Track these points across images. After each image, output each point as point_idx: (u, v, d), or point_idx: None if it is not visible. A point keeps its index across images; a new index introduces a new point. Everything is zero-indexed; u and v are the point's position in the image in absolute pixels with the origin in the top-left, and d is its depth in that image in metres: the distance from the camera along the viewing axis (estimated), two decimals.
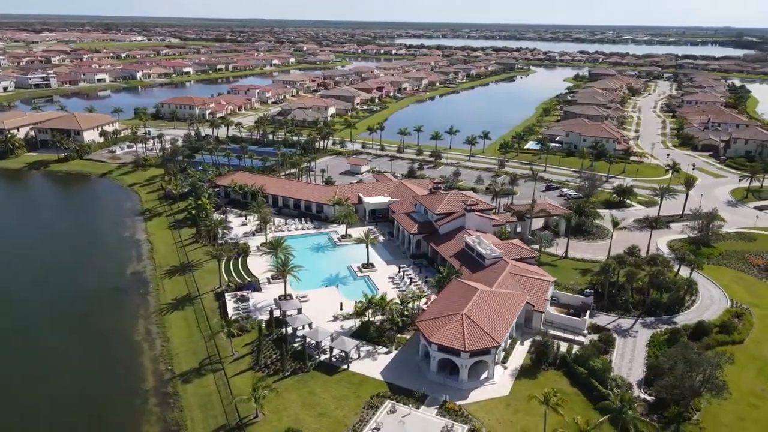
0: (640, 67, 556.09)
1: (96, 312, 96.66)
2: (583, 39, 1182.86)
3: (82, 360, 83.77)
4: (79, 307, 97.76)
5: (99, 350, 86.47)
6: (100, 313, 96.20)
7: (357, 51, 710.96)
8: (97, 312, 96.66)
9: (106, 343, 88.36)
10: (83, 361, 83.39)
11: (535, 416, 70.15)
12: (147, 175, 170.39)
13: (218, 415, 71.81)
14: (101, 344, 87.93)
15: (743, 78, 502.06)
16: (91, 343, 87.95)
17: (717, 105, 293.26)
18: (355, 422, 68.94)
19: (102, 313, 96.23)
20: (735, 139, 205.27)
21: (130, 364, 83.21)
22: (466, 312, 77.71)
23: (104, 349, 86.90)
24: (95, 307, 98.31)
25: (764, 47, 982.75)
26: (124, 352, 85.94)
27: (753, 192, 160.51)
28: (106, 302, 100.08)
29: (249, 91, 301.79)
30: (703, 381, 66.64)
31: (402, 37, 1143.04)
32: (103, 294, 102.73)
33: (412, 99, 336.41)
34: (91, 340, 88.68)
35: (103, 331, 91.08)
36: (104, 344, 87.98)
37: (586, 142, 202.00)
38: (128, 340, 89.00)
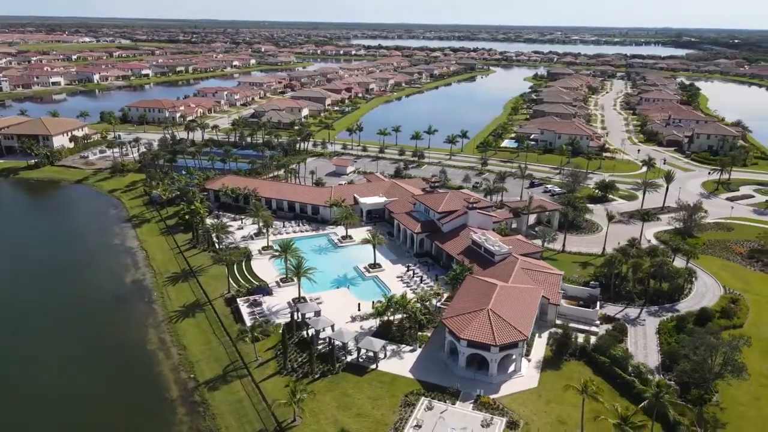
0: (593, 66, 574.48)
1: (103, 323, 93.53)
2: (534, 39, 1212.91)
3: (99, 374, 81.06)
4: (84, 320, 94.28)
5: (114, 362, 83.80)
6: (108, 325, 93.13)
7: (316, 52, 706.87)
8: (103, 323, 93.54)
9: (119, 354, 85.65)
10: (100, 375, 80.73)
11: (566, 405, 72.43)
12: (126, 180, 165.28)
13: (254, 421, 70.94)
14: (115, 356, 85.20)
15: (689, 76, 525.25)
16: (104, 356, 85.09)
17: (673, 102, 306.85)
18: (395, 420, 69.44)
19: (109, 325, 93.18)
20: (698, 134, 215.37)
21: (149, 374, 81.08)
22: (491, 307, 79.29)
23: (119, 360, 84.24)
24: (101, 318, 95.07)
25: (703, 47, 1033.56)
26: (140, 363, 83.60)
27: (722, 184, 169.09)
28: (111, 313, 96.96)
29: (217, 93, 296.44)
30: (724, 363, 70.29)
31: (358, 38, 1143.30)
32: (106, 304, 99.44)
33: (381, 99, 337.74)
34: (103, 353, 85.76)
35: (113, 343, 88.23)
36: (118, 356, 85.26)
37: (561, 140, 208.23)
38: (142, 351, 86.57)
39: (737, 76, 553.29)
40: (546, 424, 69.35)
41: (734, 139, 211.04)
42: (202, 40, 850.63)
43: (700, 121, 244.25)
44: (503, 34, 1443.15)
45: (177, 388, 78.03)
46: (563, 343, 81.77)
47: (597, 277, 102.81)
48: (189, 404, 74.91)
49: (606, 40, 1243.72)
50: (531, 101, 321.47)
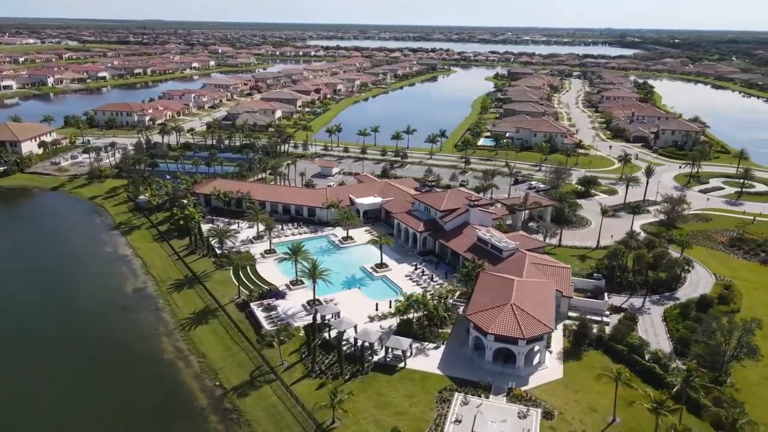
0: (550, 66, 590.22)
1: (112, 334, 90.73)
2: (487, 40, 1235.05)
3: (121, 387, 78.67)
4: (92, 332, 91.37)
5: (133, 374, 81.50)
6: (119, 336, 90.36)
7: (275, 53, 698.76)
8: (113, 334, 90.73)
9: (137, 366, 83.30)
10: (122, 388, 78.32)
11: (593, 394, 74.99)
12: (106, 186, 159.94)
13: (292, 425, 70.46)
14: (133, 368, 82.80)
15: (639, 75, 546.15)
16: (122, 369, 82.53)
17: (633, 100, 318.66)
18: (435, 417, 70.33)
19: (120, 336, 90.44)
20: (663, 130, 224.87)
21: (172, 384, 79.30)
22: (514, 302, 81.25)
23: (138, 372, 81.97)
24: (110, 330, 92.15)
25: (647, 46, 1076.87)
26: (160, 373, 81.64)
27: (693, 177, 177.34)
28: (118, 323, 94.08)
29: (184, 95, 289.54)
30: (740, 346, 74.34)
31: (313, 39, 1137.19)
32: (112, 315, 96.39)
33: (350, 100, 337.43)
34: (121, 366, 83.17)
35: (128, 354, 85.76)
36: (136, 367, 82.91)
37: (537, 137, 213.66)
38: (159, 360, 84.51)
39: (683, 74, 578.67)
40: (579, 413, 71.62)
41: (697, 135, 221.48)
42: (155, 42, 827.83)
43: (662, 118, 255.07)
44: (456, 34, 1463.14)
45: (204, 397, 76.65)
46: (581, 334, 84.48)
47: (599, 269, 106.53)
48: (220, 412, 73.70)
49: (556, 40, 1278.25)
50: (498, 100, 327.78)
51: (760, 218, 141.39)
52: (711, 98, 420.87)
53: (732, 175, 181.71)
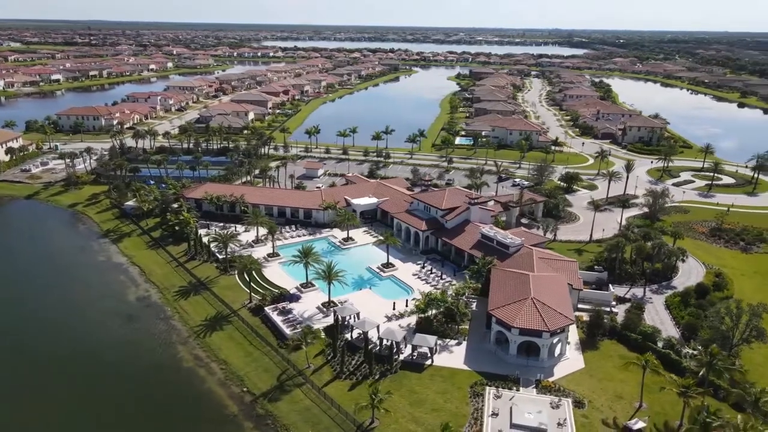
0: (507, 65, 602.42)
1: (124, 344, 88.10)
2: (442, 40, 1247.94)
3: (144, 397, 76.81)
4: (102, 343, 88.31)
5: (154, 384, 79.58)
6: (130, 346, 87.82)
7: (232, 54, 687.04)
8: (125, 344, 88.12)
9: (156, 375, 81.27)
10: (146, 398, 76.51)
11: (617, 382, 77.92)
12: (84, 193, 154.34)
13: (331, 427, 70.31)
14: (152, 377, 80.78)
15: (593, 74, 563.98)
16: (141, 378, 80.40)
17: (594, 98, 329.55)
18: (471, 411, 71.59)
19: (132, 345, 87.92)
20: (630, 127, 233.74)
21: (198, 392, 77.75)
22: (534, 296, 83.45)
23: (158, 381, 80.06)
24: (120, 339, 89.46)
25: (595, 46, 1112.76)
26: (183, 382, 79.88)
27: (665, 171, 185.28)
28: (128, 333, 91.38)
29: (150, 98, 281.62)
30: (749, 329, 78.70)
31: (268, 40, 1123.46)
32: (119, 325, 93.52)
33: (318, 101, 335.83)
34: (138, 376, 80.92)
35: (145, 364, 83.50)
36: (156, 377, 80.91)
37: (513, 136, 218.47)
38: (179, 369, 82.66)
39: (633, 73, 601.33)
40: (606, 401, 74.28)
41: (661, 131, 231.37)
42: (104, 43, 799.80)
43: (626, 115, 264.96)
44: (411, 34, 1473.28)
45: (234, 403, 75.51)
46: (596, 324, 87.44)
47: (598, 262, 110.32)
48: (254, 418, 72.82)
49: (508, 40, 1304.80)
50: (466, 99, 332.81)
51: (733, 209, 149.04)
52: (662, 96, 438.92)
53: (699, 168, 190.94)
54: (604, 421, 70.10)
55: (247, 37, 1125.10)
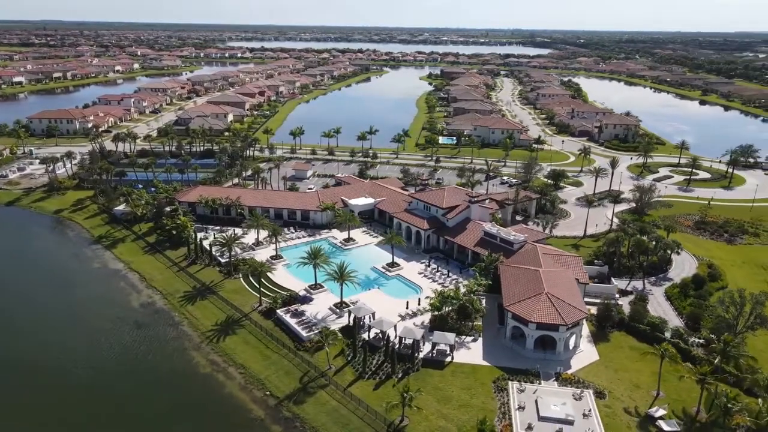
0: (475, 65, 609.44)
1: (135, 352, 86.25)
2: (408, 40, 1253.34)
3: (165, 404, 75.46)
4: (114, 352, 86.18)
5: (173, 391, 78.24)
6: (142, 353, 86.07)
7: (199, 55, 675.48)
8: (136, 352, 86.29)
9: (174, 382, 80.00)
10: (167, 406, 75.15)
11: (632, 372, 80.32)
12: (69, 199, 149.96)
13: (362, 427, 70.47)
14: (170, 385, 79.53)
15: (559, 73, 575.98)
16: (159, 386, 79.05)
17: (567, 97, 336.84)
18: (498, 406, 72.75)
19: (143, 353, 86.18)
20: (606, 124, 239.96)
21: (219, 398, 76.83)
22: (548, 291, 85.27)
23: (177, 388, 78.79)
24: (130, 347, 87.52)
25: (557, 46, 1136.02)
26: (202, 387, 78.83)
27: (645, 167, 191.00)
28: (138, 340, 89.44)
29: (123, 100, 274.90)
30: (754, 317, 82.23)
31: (233, 40, 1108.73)
32: (127, 332, 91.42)
33: (294, 102, 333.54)
34: (157, 384, 79.51)
35: (161, 371, 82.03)
36: (173, 384, 79.69)
37: (495, 134, 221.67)
38: (196, 375, 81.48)
39: (598, 72, 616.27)
40: (625, 390, 76.50)
41: (636, 128, 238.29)
42: (62, 44, 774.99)
43: (599, 113, 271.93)
44: (376, 34, 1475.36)
45: (258, 407, 74.90)
46: (606, 317, 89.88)
47: (597, 256, 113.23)
48: (281, 421, 72.43)
49: (473, 40, 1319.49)
50: (442, 99, 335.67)
51: (713, 202, 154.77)
52: (628, 94, 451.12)
53: (675, 164, 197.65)
54: (627, 410, 72.31)
55: (211, 37, 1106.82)
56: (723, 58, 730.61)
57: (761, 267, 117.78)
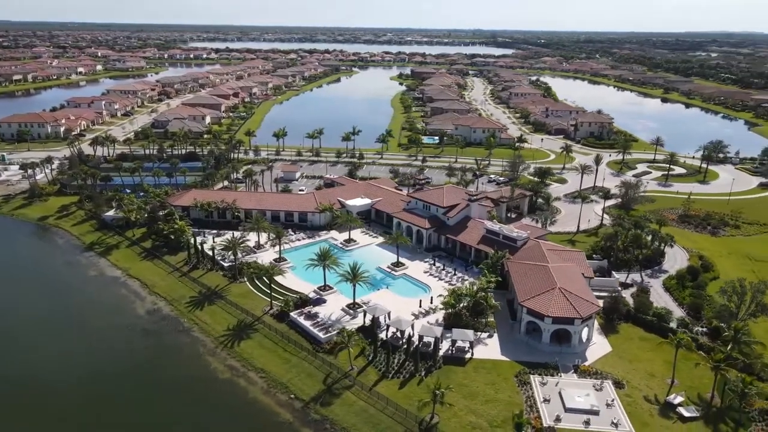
0: (443, 65, 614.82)
1: (149, 360, 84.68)
2: (372, 41, 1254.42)
3: (188, 412, 74.18)
4: (129, 361, 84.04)
5: (196, 399, 76.91)
6: (156, 360, 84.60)
7: (163, 56, 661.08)
8: (150, 359, 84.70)
9: (194, 389, 78.71)
10: (191, 413, 73.96)
11: (645, 362, 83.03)
12: (52, 205, 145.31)
13: (393, 426, 70.86)
14: (190, 391, 78.20)
15: (526, 73, 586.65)
16: (181, 394, 77.64)
17: (538, 96, 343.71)
18: (524, 399, 74.22)
19: (158, 360, 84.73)
20: (581, 123, 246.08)
21: (243, 402, 76.08)
22: (561, 286, 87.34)
23: (198, 395, 77.54)
24: (143, 355, 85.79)
25: (520, 46, 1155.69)
26: (224, 393, 77.77)
27: (624, 164, 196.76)
28: (149, 348, 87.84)
29: (93, 103, 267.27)
30: (755, 305, 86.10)
31: (194, 41, 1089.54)
32: (138, 340, 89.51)
33: (269, 103, 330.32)
34: (174, 390, 78.14)
35: (180, 379, 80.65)
36: (194, 391, 78.36)
37: (476, 134, 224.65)
38: (215, 381, 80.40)
39: (562, 71, 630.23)
40: (641, 379, 79.07)
41: (610, 126, 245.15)
42: (17, 45, 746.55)
43: (573, 112, 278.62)
44: (340, 35, 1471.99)
45: (285, 411, 74.46)
46: (614, 309, 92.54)
47: (595, 250, 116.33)
48: (311, 423, 72.21)
49: (437, 40, 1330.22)
50: (417, 99, 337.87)
51: (693, 196, 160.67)
52: (593, 93, 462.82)
53: (651, 160, 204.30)
54: (647, 398, 74.81)
55: (172, 38, 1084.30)
56: (679, 57, 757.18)
57: (746, 257, 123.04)
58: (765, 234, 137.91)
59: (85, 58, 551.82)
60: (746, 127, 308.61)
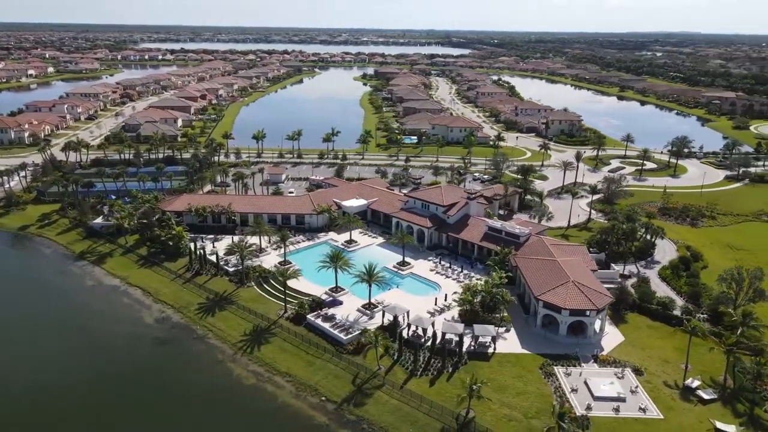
0: (403, 65, 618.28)
1: (169, 370, 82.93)
2: (329, 41, 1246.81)
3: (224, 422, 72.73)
4: (149, 371, 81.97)
5: (225, 407, 75.51)
6: (176, 370, 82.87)
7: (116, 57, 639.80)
8: (170, 370, 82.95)
9: (222, 397, 77.10)
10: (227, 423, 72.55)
11: (657, 349, 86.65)
12: (32, 213, 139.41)
13: (430, 423, 71.61)
14: (220, 401, 76.53)
15: (485, 72, 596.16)
16: (209, 404, 76.11)
17: (504, 95, 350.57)
18: (552, 390, 76.33)
19: (177, 370, 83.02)
20: (552, 121, 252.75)
21: (274, 407, 75.50)
22: (573, 279, 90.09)
23: (228, 403, 76.04)
24: (163, 366, 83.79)
25: (475, 46, 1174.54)
26: (252, 399, 76.93)
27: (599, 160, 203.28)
28: (166, 357, 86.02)
29: (55, 106, 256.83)
30: (753, 291, 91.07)
31: (145, 42, 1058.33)
32: (151, 350, 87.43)
33: (238, 105, 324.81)
34: (205, 401, 76.53)
35: (203, 388, 79.08)
36: (223, 399, 76.72)
37: (453, 133, 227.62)
38: (241, 387, 79.34)
39: (520, 71, 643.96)
40: (657, 366, 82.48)
41: (580, 123, 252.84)
42: None
43: (542, 110, 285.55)
44: (296, 35, 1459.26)
45: (319, 413, 74.21)
46: (621, 299, 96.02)
47: (591, 244, 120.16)
48: (349, 424, 72.25)
49: (393, 41, 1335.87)
50: (386, 99, 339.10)
51: (669, 190, 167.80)
52: (553, 91, 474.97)
53: (622, 156, 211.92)
54: (666, 384, 78.18)
55: (121, 38, 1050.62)
56: (628, 57, 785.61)
57: (727, 246, 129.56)
58: (740, 224, 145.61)
59: (34, 60, 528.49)
60: (699, 123, 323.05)
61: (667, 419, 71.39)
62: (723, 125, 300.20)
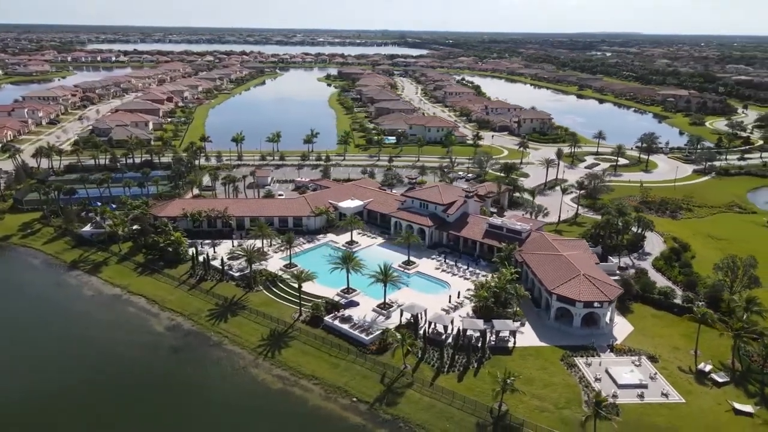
0: (364, 65, 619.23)
1: (190, 378, 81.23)
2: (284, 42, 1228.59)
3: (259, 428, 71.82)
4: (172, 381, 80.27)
5: (255, 413, 74.89)
6: (197, 378, 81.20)
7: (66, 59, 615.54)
8: (191, 378, 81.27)
9: (252, 404, 76.27)
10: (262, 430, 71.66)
11: (665, 337, 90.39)
12: (11, 223, 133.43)
13: (465, 417, 72.72)
14: (248, 407, 75.65)
15: (446, 72, 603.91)
16: (239, 411, 75.05)
17: (472, 95, 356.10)
18: (577, 380, 78.69)
19: (199, 378, 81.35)
20: (524, 119, 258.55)
21: (305, 411, 75.12)
22: (584, 272, 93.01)
23: (258, 410, 75.36)
24: (179, 374, 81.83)
25: (430, 46, 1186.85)
26: (282, 403, 76.21)
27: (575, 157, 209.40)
28: (184, 366, 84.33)
29: (14, 111, 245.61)
30: (747, 278, 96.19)
31: (93, 42, 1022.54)
32: (168, 359, 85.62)
33: (205, 107, 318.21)
34: (235, 409, 75.38)
35: (229, 395, 77.77)
36: (252, 406, 75.89)
37: (431, 132, 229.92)
38: (269, 392, 78.57)
39: (480, 71, 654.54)
40: (668, 353, 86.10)
41: (551, 122, 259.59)
42: None
43: (511, 109, 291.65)
44: (250, 35, 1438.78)
45: (353, 414, 74.29)
46: (626, 290, 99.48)
47: (585, 238, 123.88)
48: (385, 423, 72.57)
49: (350, 41, 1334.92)
50: (355, 99, 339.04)
51: (645, 185, 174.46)
52: (514, 90, 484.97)
53: (595, 152, 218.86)
54: (681, 369, 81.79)
55: (68, 39, 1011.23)
56: (581, 57, 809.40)
57: (709, 237, 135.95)
58: (714, 215, 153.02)
59: None
60: (656, 120, 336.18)
61: (688, 402, 74.80)
62: (680, 122, 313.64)
